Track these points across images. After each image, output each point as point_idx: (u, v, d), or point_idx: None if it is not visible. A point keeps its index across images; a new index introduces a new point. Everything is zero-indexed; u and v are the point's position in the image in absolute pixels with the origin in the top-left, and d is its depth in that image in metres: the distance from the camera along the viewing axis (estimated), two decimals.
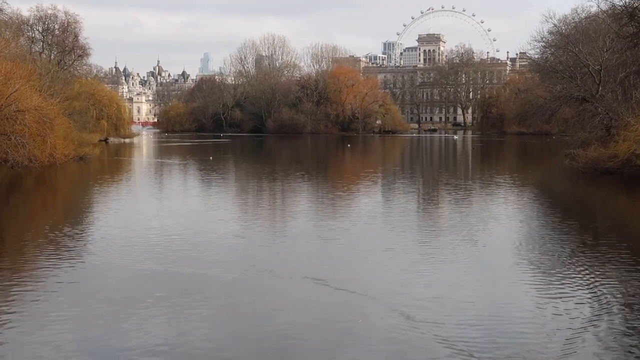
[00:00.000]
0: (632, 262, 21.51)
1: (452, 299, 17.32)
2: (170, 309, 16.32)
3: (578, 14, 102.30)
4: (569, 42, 79.58)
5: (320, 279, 18.87)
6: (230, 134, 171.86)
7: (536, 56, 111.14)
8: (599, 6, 78.44)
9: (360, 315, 15.85)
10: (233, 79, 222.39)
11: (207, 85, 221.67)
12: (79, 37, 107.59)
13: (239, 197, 41.70)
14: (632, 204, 39.31)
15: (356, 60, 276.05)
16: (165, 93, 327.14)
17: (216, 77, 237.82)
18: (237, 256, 22.58)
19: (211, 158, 75.11)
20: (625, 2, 59.22)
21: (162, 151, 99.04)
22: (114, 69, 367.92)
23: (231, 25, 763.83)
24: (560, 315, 15.80)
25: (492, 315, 15.93)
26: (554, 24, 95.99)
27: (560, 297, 17.26)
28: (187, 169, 64.04)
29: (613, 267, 20.71)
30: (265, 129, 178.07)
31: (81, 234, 27.15)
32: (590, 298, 17.24)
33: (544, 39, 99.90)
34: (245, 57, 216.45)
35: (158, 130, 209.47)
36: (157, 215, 32.43)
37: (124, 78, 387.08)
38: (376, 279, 19.31)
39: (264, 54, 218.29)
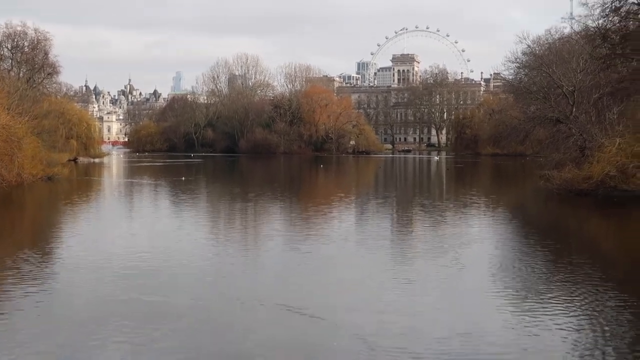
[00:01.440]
0: (605, 282, 21.63)
1: (425, 327, 17.26)
2: (133, 338, 15.87)
3: (552, 35, 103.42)
4: (543, 63, 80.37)
5: (292, 306, 18.61)
6: (202, 154, 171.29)
7: (510, 77, 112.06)
8: (572, 27, 79.67)
9: (329, 346, 15.62)
10: (205, 98, 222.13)
11: (178, 105, 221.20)
12: (49, 55, 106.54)
13: (211, 219, 41.44)
14: (606, 226, 39.58)
15: (330, 80, 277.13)
16: (137, 112, 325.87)
17: (188, 96, 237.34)
18: (206, 281, 22.32)
19: (183, 178, 74.72)
20: (598, 23, 60.00)
21: (133, 171, 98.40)
22: (84, 88, 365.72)
23: (201, 44, 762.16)
24: (536, 336, 15.79)
25: (465, 343, 15.83)
26: (528, 45, 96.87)
27: (535, 323, 17.24)
28: (158, 190, 63.62)
29: (588, 288, 20.78)
30: (238, 149, 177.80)
31: (46, 256, 26.79)
32: (565, 323, 17.24)
33: (517, 59, 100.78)
34: (217, 76, 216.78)
35: (129, 150, 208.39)
36: (126, 237, 32.13)
37: (94, 97, 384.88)
38: (348, 306, 19.10)
39: (236, 73, 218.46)
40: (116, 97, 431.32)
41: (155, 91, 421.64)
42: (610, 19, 57.73)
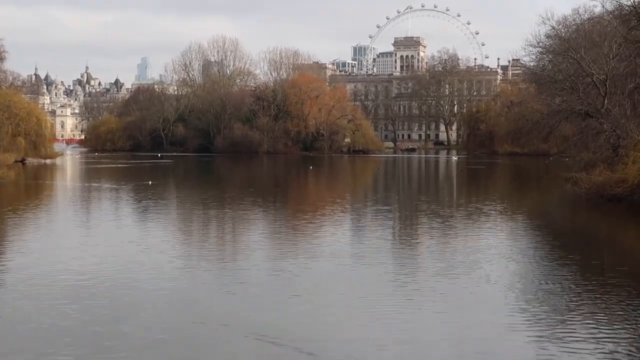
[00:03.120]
0: None
1: None
2: None
3: (580, 15, 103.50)
4: (570, 47, 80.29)
5: (273, 337, 18.34)
6: (171, 153, 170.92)
7: (532, 63, 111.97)
8: (603, 6, 79.08)
9: None
10: (176, 88, 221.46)
11: (144, 96, 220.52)
12: None
13: (181, 229, 41.23)
14: None
15: (321, 67, 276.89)
16: (95, 105, 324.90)
17: (155, 86, 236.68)
18: (171, 306, 22.08)
19: (149, 182, 74.45)
20: (633, 1, 59.97)
21: (90, 174, 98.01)
22: (33, 77, 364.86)
23: (170, 25, 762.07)
24: None
25: None
26: (552, 26, 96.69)
27: (561, 351, 17.12)
28: (119, 196, 63.34)
29: (621, 311, 20.67)
30: (214, 148, 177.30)
31: None
32: (595, 350, 17.11)
33: (540, 43, 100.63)
34: (190, 63, 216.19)
35: (86, 149, 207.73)
36: (79, 251, 31.88)
37: (45, 87, 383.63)
38: (341, 337, 18.87)
39: (212, 60, 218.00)
40: (71, 88, 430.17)
41: (117, 80, 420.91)
42: None
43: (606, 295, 22.99)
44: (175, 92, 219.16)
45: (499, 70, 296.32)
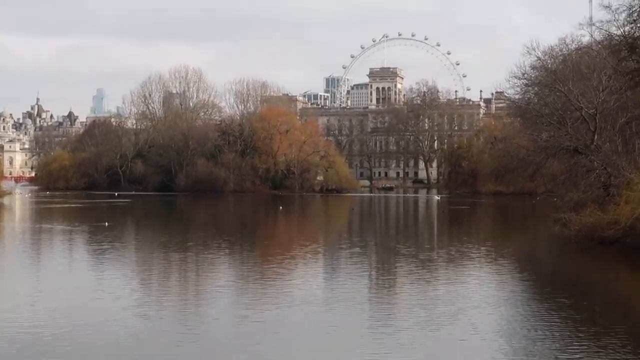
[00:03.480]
0: (638, 354, 21.55)
1: None
2: None
3: (567, 45, 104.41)
4: (557, 79, 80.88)
5: None
6: (130, 192, 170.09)
7: (516, 96, 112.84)
8: (592, 35, 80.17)
9: None
10: (134, 122, 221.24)
11: (100, 130, 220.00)
12: None
13: (139, 275, 40.91)
14: (637, 282, 39.70)
15: (292, 99, 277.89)
16: (47, 140, 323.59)
17: (112, 119, 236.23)
18: None
19: (106, 224, 73.99)
20: (624, 31, 60.59)
21: (42, 214, 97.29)
22: None
23: (127, 53, 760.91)
24: None
25: None
26: (538, 57, 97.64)
27: None
28: (72, 238, 62.84)
29: None
30: (176, 186, 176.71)
31: None
32: None
33: (525, 75, 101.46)
34: (150, 95, 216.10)
35: (36, 187, 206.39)
36: (30, 298, 31.54)
37: None
38: None
39: (174, 91, 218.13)
40: (20, 121, 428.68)
41: (70, 113, 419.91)
42: (639, 25, 58.45)
43: (597, 344, 23.00)
44: (134, 126, 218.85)
45: (482, 104, 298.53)
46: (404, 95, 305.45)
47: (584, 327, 25.83)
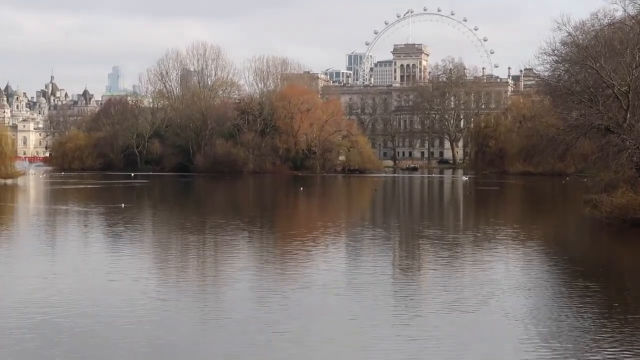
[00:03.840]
0: None
1: None
2: None
3: (599, 20, 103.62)
4: (588, 55, 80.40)
5: None
6: (146, 173, 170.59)
7: (546, 73, 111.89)
8: (625, 10, 79.51)
9: None
10: (151, 100, 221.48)
11: (116, 109, 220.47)
12: None
13: (157, 258, 41.03)
14: None
15: (313, 77, 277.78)
16: (61, 119, 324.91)
17: (129, 98, 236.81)
18: (148, 348, 21.88)
19: (122, 205, 74.20)
20: None
21: (56, 196, 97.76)
22: None
23: (143, 30, 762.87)
24: None
25: None
26: (569, 33, 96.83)
27: None
28: (88, 220, 63.12)
29: None
30: (194, 167, 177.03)
31: None
32: None
33: (555, 51, 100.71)
34: (167, 73, 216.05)
35: (51, 168, 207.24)
36: (46, 282, 31.67)
37: (5, 99, 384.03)
38: None
39: (192, 69, 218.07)
40: (35, 100, 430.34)
41: (85, 92, 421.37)
42: None
43: (629, 331, 22.91)
44: (151, 105, 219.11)
45: (510, 81, 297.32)
46: (429, 72, 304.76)
47: (615, 313, 25.74)
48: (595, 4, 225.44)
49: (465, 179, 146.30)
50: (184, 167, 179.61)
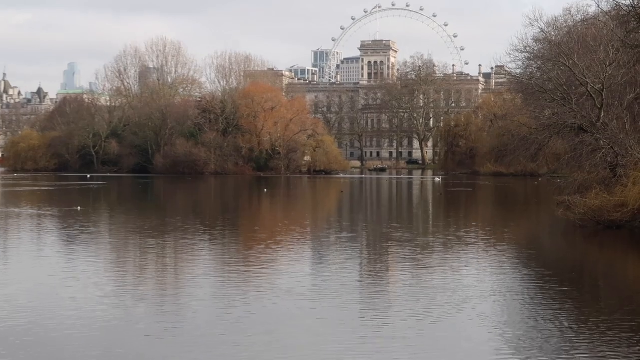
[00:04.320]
0: None
1: None
2: None
3: (572, 16, 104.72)
4: (561, 52, 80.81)
5: None
6: (103, 174, 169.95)
7: (518, 71, 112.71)
8: (599, 6, 79.94)
9: None
10: (109, 99, 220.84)
11: (72, 108, 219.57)
12: None
13: (114, 263, 40.78)
14: None
15: (277, 74, 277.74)
16: (14, 118, 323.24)
17: (85, 96, 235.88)
18: (105, 358, 21.66)
19: (78, 208, 73.82)
20: (632, 0, 60.49)
21: (9, 198, 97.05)
22: None
23: (100, 25, 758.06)
24: None
25: None
26: (541, 29, 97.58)
27: None
28: (42, 223, 62.64)
29: (623, 356, 20.71)
30: (153, 168, 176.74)
31: None
32: None
33: (527, 48, 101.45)
34: (125, 70, 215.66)
35: (3, 169, 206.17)
36: None
37: None
38: None
39: (151, 66, 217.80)
40: None
41: (39, 90, 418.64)
42: None
43: (603, 336, 23.01)
44: (108, 104, 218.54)
45: (481, 79, 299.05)
46: (398, 70, 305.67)
47: (589, 319, 25.84)
48: (567, 0, 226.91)
49: (438, 180, 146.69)
50: (143, 168, 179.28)
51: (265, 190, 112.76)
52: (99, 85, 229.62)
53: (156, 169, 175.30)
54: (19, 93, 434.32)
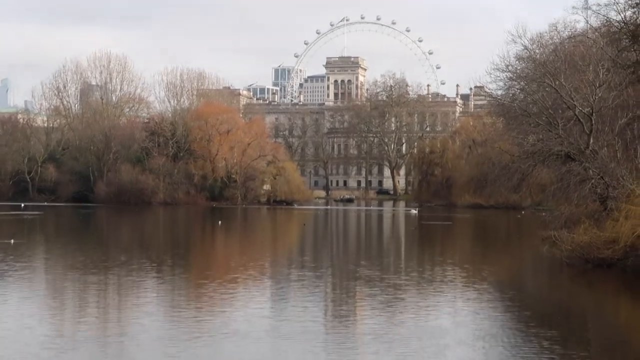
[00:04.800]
0: None
1: None
2: None
3: (558, 32, 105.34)
4: (547, 72, 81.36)
5: None
6: (40, 203, 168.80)
7: (499, 92, 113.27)
8: (587, 21, 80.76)
9: None
10: (46, 119, 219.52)
11: (4, 129, 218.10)
12: None
13: (51, 303, 40.54)
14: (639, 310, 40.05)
15: (234, 93, 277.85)
16: None
17: (19, 115, 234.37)
18: None
19: (11, 241, 73.28)
20: (624, 16, 60.99)
21: None
22: None
23: (37, 37, 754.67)
24: None
25: None
26: (525, 46, 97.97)
27: None
28: None
29: None
30: (95, 197, 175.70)
31: None
32: None
33: (509, 67, 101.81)
34: (64, 87, 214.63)
35: None
36: None
37: None
38: None
39: (93, 82, 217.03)
40: None
41: None
42: None
43: None
44: (45, 124, 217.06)
45: (459, 100, 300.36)
46: (367, 89, 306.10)
47: None
48: (555, 14, 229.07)
49: (415, 212, 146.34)
50: (84, 196, 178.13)
51: (220, 222, 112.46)
52: (35, 104, 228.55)
53: (98, 197, 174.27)
54: None
